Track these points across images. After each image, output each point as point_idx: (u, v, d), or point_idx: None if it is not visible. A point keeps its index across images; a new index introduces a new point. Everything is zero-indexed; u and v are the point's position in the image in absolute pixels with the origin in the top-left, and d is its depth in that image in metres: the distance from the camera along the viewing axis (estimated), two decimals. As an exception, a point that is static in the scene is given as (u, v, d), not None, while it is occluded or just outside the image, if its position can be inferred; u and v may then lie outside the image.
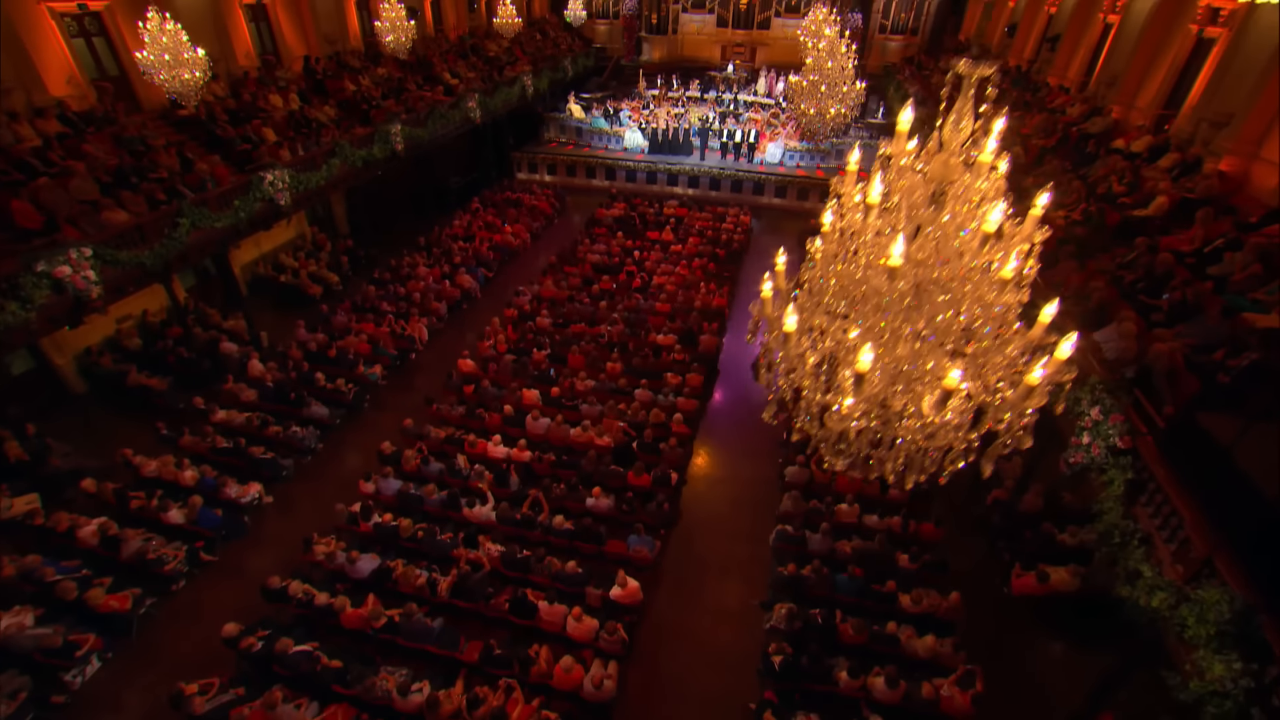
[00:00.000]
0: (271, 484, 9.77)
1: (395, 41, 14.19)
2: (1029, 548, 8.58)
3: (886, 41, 27.15)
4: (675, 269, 15.40)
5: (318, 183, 13.28)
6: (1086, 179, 10.80)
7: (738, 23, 27.88)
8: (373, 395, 12.00)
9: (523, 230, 18.10)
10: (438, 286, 14.78)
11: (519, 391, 11.15)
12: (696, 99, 25.07)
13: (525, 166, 23.39)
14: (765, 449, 11.16)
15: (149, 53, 9.82)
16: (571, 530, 8.53)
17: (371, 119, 15.71)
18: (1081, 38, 15.53)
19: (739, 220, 18.45)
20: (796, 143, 21.86)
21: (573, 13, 23.91)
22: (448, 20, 22.92)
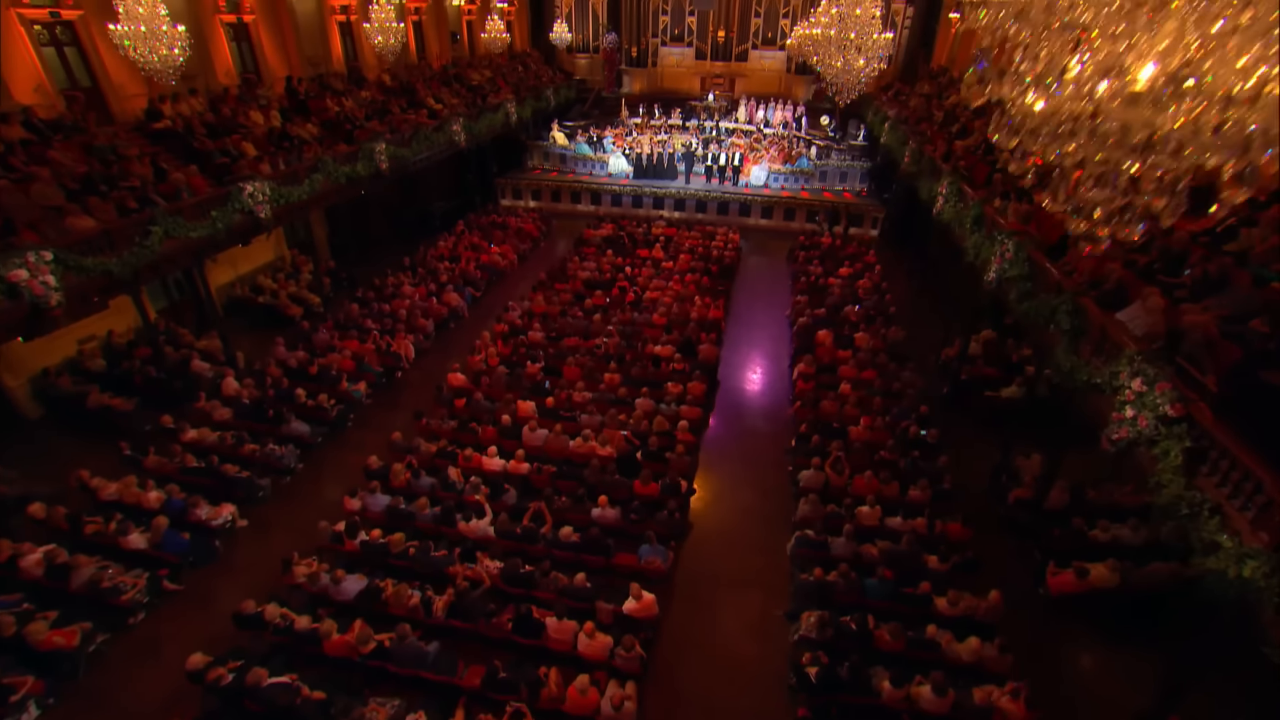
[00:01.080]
0: (246, 505, 8.98)
1: (383, 45, 13.87)
2: (1060, 545, 8.15)
3: (860, 72, 27.89)
4: (668, 284, 15.12)
5: (299, 197, 12.83)
6: (1082, 176, 10.82)
7: (716, 55, 28.50)
8: (357, 413, 11.31)
9: (510, 251, 17.77)
10: (424, 304, 14.26)
11: (513, 404, 10.59)
12: (679, 127, 25.35)
13: (509, 193, 23.25)
14: (772, 457, 10.68)
15: (123, 24, 9.12)
16: (578, 543, 7.89)
17: (355, 138, 15.40)
18: (1056, 54, 15.95)
19: (729, 238, 18.35)
20: (781, 165, 22.10)
21: (559, 35, 24.17)
22: (430, 50, 23.02)
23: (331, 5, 17.75)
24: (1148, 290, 6.99)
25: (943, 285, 16.93)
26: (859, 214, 20.78)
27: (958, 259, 15.47)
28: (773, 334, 14.83)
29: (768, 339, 14.60)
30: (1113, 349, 6.64)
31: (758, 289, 17.06)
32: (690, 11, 28.02)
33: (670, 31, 28.63)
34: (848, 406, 10.79)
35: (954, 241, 14.41)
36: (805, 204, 21.05)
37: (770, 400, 12.38)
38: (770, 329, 15.07)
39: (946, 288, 16.46)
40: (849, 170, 22.14)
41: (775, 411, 12.01)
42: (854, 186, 22.15)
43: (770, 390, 12.71)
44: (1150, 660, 7.13)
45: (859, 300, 14.61)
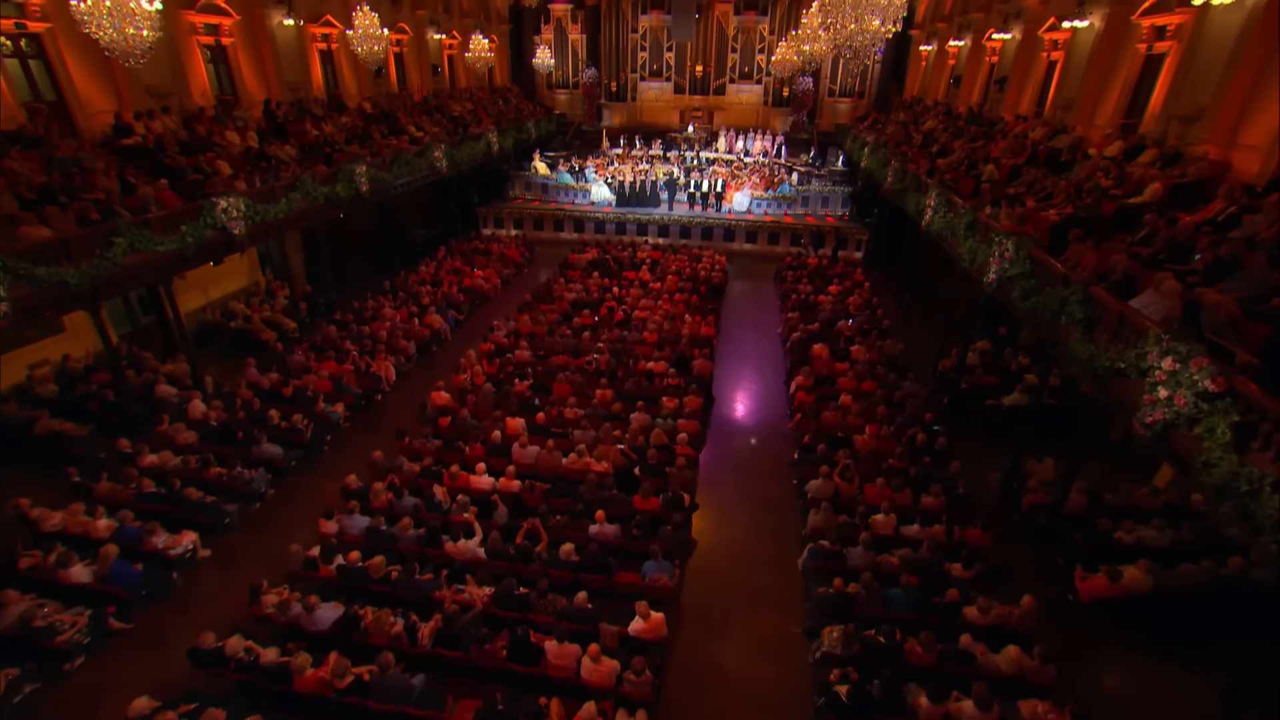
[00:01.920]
0: (210, 533, 8.20)
1: (367, 53, 13.46)
2: (1084, 549, 7.74)
3: (836, 104, 28.67)
4: (657, 304, 14.81)
5: (276, 215, 12.36)
6: (1070, 180, 10.85)
7: (694, 89, 29.09)
8: (334, 436, 10.63)
9: (493, 275, 17.39)
10: (405, 326, 13.72)
11: (502, 421, 10.01)
12: (660, 157, 25.57)
13: (491, 222, 23.04)
14: (773, 471, 10.22)
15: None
16: (576, 561, 7.27)
17: (334, 161, 15.08)
18: (1028, 76, 16.41)
19: (716, 260, 18.22)
20: (763, 191, 22.27)
21: (542, 61, 24.39)
22: (411, 82, 23.04)
23: (312, 33, 17.66)
24: (1161, 275, 6.81)
25: (932, 300, 16.89)
26: (843, 237, 20.89)
27: (947, 272, 15.46)
28: (764, 351, 14.53)
29: (759, 356, 14.29)
30: (1133, 334, 6.40)
31: (746, 310, 16.85)
32: (668, 47, 28.70)
33: (649, 67, 29.25)
34: (850, 417, 10.42)
35: (943, 254, 14.39)
36: (789, 228, 21.15)
37: (766, 415, 11.97)
38: (761, 346, 14.77)
39: (937, 302, 16.41)
40: (830, 195, 22.39)
41: (772, 425, 11.59)
42: (836, 211, 22.37)
43: (766, 405, 12.31)
44: (1196, 667, 6.69)
45: (851, 315, 14.43)
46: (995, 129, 16.28)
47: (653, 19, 28.23)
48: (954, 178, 13.96)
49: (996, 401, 11.43)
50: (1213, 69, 9.82)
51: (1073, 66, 14.05)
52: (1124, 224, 9.16)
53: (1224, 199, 8.05)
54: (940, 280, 16.21)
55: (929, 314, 16.38)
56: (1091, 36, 13.23)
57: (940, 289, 16.31)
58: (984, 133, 16.13)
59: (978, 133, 16.38)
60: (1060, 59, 14.86)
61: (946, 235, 12.12)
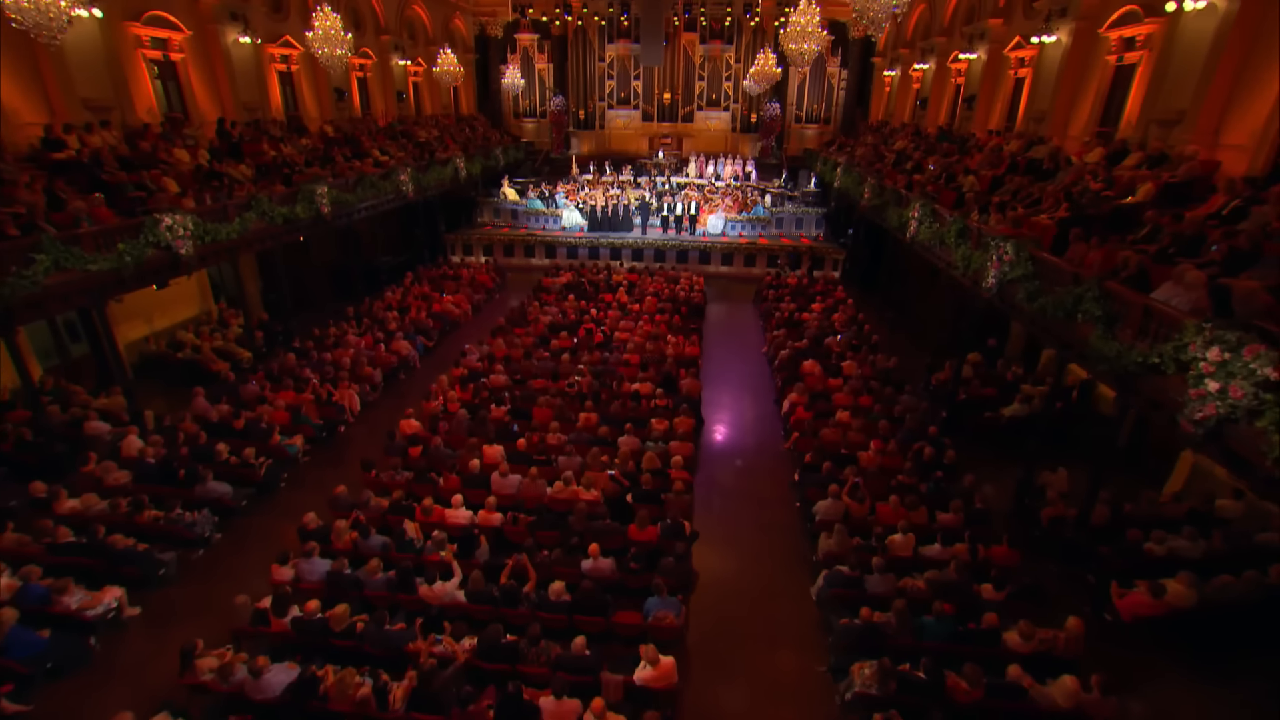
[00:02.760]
0: (142, 588, 7.09)
1: (328, 56, 12.65)
2: (1115, 564, 7.22)
3: (803, 130, 29.01)
4: (637, 325, 14.20)
5: (228, 235, 11.46)
6: (1058, 185, 10.73)
7: (663, 116, 29.14)
8: (291, 472, 9.60)
9: (463, 301, 16.60)
10: (370, 353, 12.80)
11: (478, 449, 9.16)
12: (631, 183, 25.32)
13: (459, 249, 22.30)
14: (775, 493, 9.56)
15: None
16: (570, 601, 6.43)
17: (294, 182, 14.26)
18: (996, 94, 16.65)
19: (694, 282, 17.78)
20: (737, 214, 22.10)
21: (511, 80, 24.00)
22: (376, 107, 22.43)
23: (270, 53, 16.97)
24: (1182, 267, 6.48)
25: (917, 313, 16.70)
26: (819, 257, 20.75)
27: (933, 284, 15.30)
28: (750, 370, 14.00)
29: (745, 376, 13.75)
30: (1163, 326, 6.01)
31: (727, 331, 16.36)
32: (636, 75, 28.79)
33: (617, 95, 29.23)
34: (851, 433, 9.86)
35: (928, 265, 14.21)
36: (765, 250, 20.94)
37: (759, 435, 11.35)
38: (747, 366, 14.25)
39: (922, 315, 16.22)
40: (804, 216, 22.34)
41: (767, 446, 10.97)
42: (810, 232, 22.29)
43: (757, 425, 11.71)
44: (1248, 685, 6.15)
45: (838, 331, 14.04)
46: (968, 144, 16.40)
47: (620, 48, 28.34)
48: (934, 190, 13.86)
49: (996, 413, 11.05)
50: (1189, 73, 9.86)
51: (1042, 81, 14.22)
52: (1118, 224, 8.96)
53: (1225, 193, 7.87)
54: (925, 293, 16.06)
55: (914, 328, 16.13)
56: (1059, 52, 13.41)
57: (926, 302, 16.14)
58: (957, 148, 16.22)
59: (950, 149, 16.46)
60: (1028, 75, 15.07)
61: (934, 245, 11.86)
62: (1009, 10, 15.91)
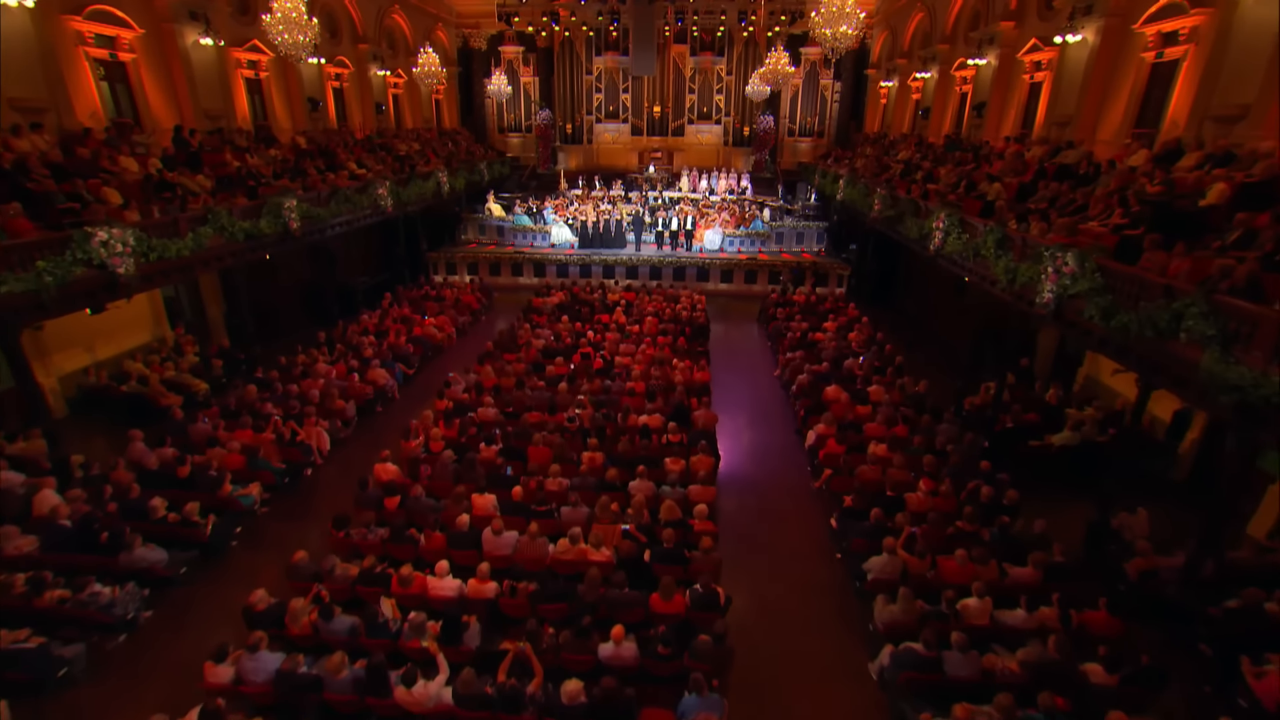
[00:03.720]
0: (31, 695, 5.61)
1: (288, 44, 11.27)
2: (1236, 630, 6.06)
3: (796, 143, 28.28)
4: (639, 348, 12.98)
5: (179, 253, 10.09)
6: (1106, 190, 9.77)
7: (652, 130, 28.25)
8: (246, 527, 8.16)
9: (447, 324, 15.27)
10: (343, 383, 11.41)
11: (466, 499, 7.82)
12: (622, 197, 24.29)
13: (443, 268, 20.99)
14: (811, 545, 8.34)
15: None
16: (586, 704, 5.10)
17: (260, 195, 12.95)
18: (1009, 99, 15.88)
19: (695, 300, 16.64)
20: (734, 229, 21.10)
21: (497, 87, 22.84)
22: (354, 119, 21.20)
23: (237, 58, 15.71)
24: (1313, 276, 5.44)
25: (940, 331, 15.67)
26: (822, 273, 19.76)
27: (957, 300, 14.32)
28: (761, 396, 12.83)
29: (758, 402, 12.56)
30: None
31: (733, 353, 15.18)
32: (624, 89, 27.92)
33: (605, 109, 28.33)
34: (892, 470, 8.68)
35: (951, 280, 13.22)
36: (765, 266, 19.91)
37: (782, 472, 10.13)
38: (758, 391, 13.07)
39: (947, 332, 15.20)
40: (805, 231, 21.39)
41: (793, 484, 9.75)
42: (811, 247, 21.34)
43: (779, 460, 10.49)
44: None
45: (857, 352, 12.92)
46: (982, 152, 15.56)
47: (608, 60, 27.49)
48: (956, 199, 12.91)
49: (1042, 441, 9.95)
50: (1253, 66, 8.98)
51: (1066, 83, 13.41)
52: (1192, 228, 7.97)
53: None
54: (948, 309, 15.06)
55: (936, 347, 15.08)
56: (1085, 52, 12.61)
57: (949, 318, 15.14)
58: (972, 156, 15.37)
59: (964, 157, 15.61)
60: (1047, 78, 14.28)
61: (966, 257, 10.83)
62: (1021, 13, 15.17)
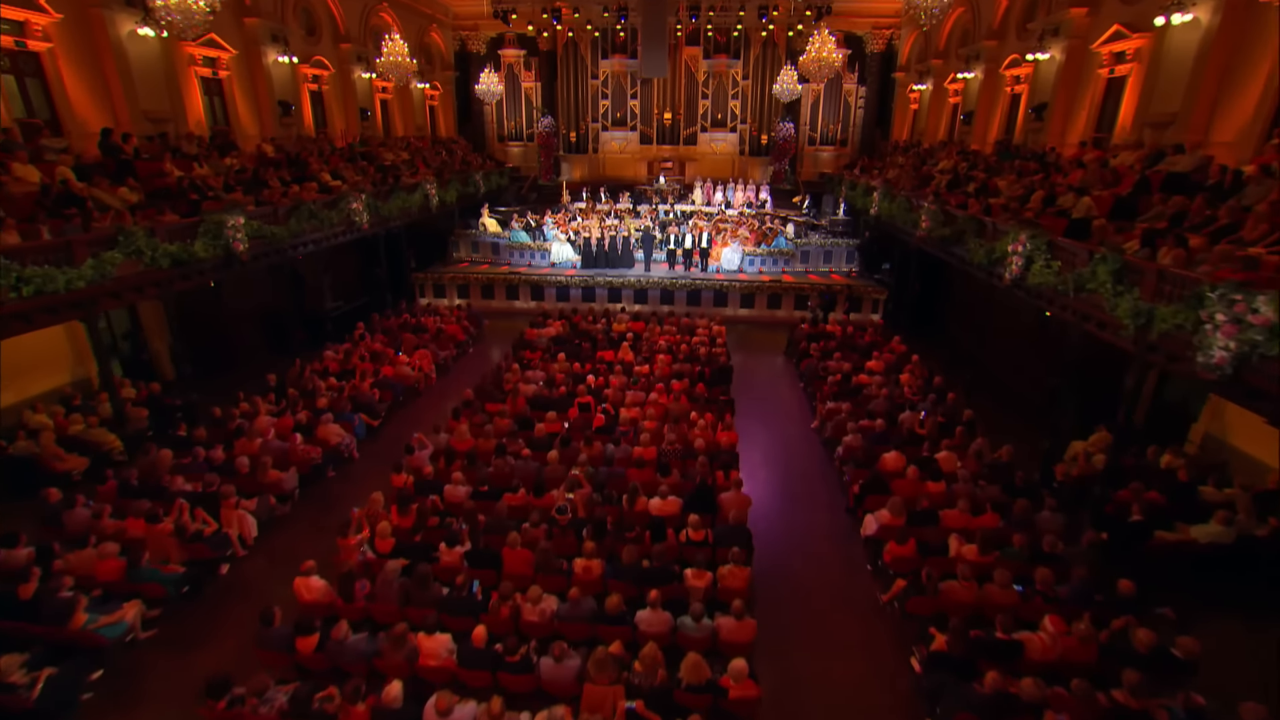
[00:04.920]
0: None
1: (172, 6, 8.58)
2: None
3: (818, 153, 26.12)
4: (650, 396, 10.73)
5: (70, 285, 8.00)
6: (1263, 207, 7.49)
7: (663, 139, 26.18)
8: (107, 674, 5.93)
9: (426, 360, 13.08)
10: (283, 445, 9.22)
11: (409, 641, 5.58)
12: (630, 211, 22.15)
13: (430, 290, 18.90)
14: (886, 696, 6.01)
15: None
16: None
17: (201, 209, 10.89)
18: (1079, 98, 13.63)
19: (713, 331, 14.39)
20: (755, 246, 18.89)
21: (486, 86, 20.68)
22: (335, 126, 19.22)
23: (190, 54, 13.72)
24: None
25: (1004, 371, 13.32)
26: (857, 296, 17.48)
27: (1031, 337, 12.04)
28: (797, 456, 10.56)
29: (792, 464, 10.29)
30: None
31: (757, 394, 12.89)
32: (633, 94, 25.91)
33: (612, 115, 26.33)
34: (993, 591, 6.36)
35: (1026, 312, 10.99)
36: (792, 289, 17.66)
37: (836, 573, 7.82)
38: (791, 448, 10.81)
39: (1016, 374, 12.85)
40: (833, 248, 19.14)
41: (850, 593, 7.45)
42: (841, 266, 19.10)
43: (829, 551, 8.20)
44: None
45: (914, 402, 10.62)
46: (1047, 159, 13.32)
47: (615, 64, 25.49)
48: (1032, 215, 10.67)
49: (1178, 533, 7.61)
50: None
51: (1166, 76, 11.12)
52: None
53: None
54: (1020, 347, 12.74)
55: (1003, 392, 12.70)
56: (1197, 35, 10.35)
57: (1020, 356, 12.82)
58: (1038, 165, 13.11)
59: (1027, 166, 13.37)
60: (1133, 71, 12.02)
61: (1064, 291, 8.55)
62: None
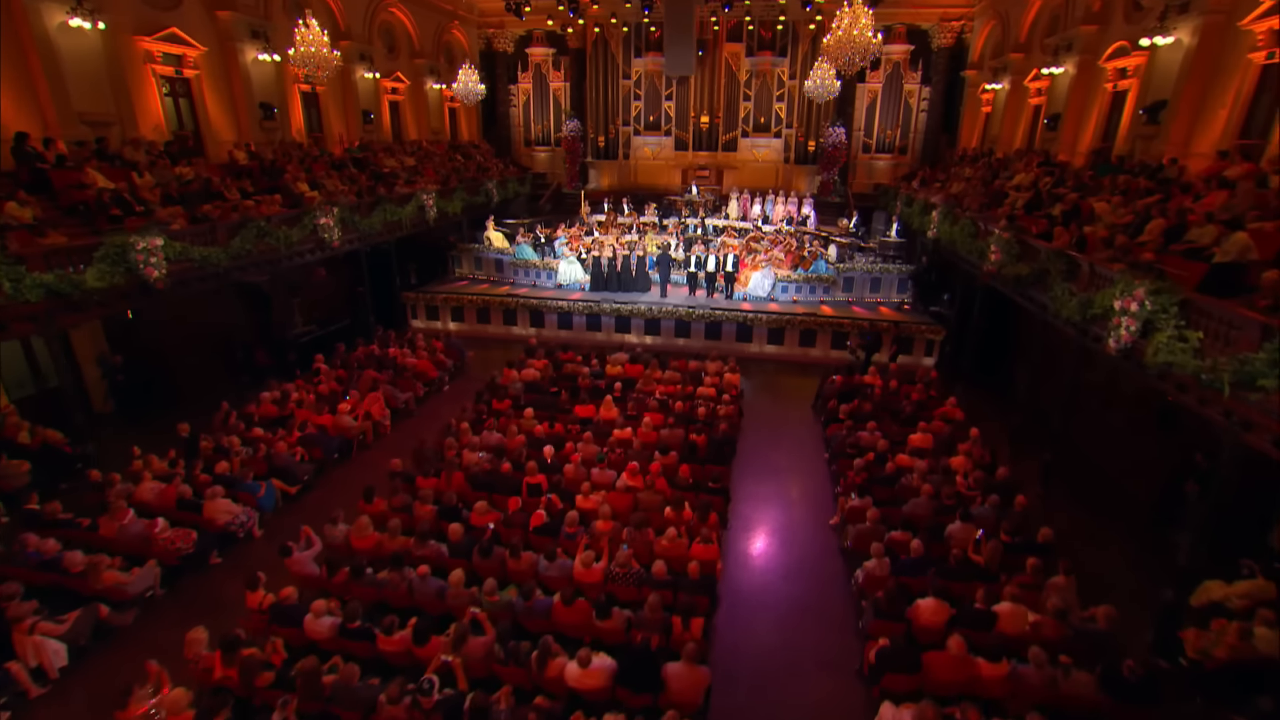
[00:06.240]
0: None
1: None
2: None
3: (873, 161, 23.14)
4: (621, 477, 8.37)
5: None
6: None
7: (699, 144, 23.74)
8: None
9: (378, 406, 11.15)
10: (144, 532, 7.38)
11: None
12: (655, 225, 19.86)
13: (423, 312, 17.14)
14: None
15: None
16: None
17: (100, 229, 9.33)
18: (1214, 95, 10.48)
19: (724, 378, 11.91)
20: (790, 270, 16.25)
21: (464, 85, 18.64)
22: (332, 129, 17.76)
23: (145, 50, 12.33)
24: None
25: (1100, 454, 10.22)
26: (908, 336, 14.59)
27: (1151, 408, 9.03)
28: (802, 558, 8.04)
29: (793, 571, 7.78)
30: None
31: (767, 462, 10.37)
32: (667, 95, 23.58)
33: (644, 119, 24.10)
34: None
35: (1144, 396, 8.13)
36: (830, 323, 14.93)
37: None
38: (803, 550, 8.28)
39: (1117, 462, 9.75)
40: (883, 275, 16.27)
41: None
42: (891, 297, 16.22)
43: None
44: None
45: (970, 503, 7.85)
46: (1168, 176, 10.25)
47: (648, 63, 23.24)
48: (1154, 255, 7.78)
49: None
50: None
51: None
52: None
53: None
54: (1130, 420, 9.67)
55: (1096, 488, 9.65)
56: None
57: (1125, 444, 9.74)
58: (1156, 184, 10.06)
59: (1136, 184, 10.32)
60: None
61: (1213, 381, 5.72)
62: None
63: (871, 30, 11.87)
